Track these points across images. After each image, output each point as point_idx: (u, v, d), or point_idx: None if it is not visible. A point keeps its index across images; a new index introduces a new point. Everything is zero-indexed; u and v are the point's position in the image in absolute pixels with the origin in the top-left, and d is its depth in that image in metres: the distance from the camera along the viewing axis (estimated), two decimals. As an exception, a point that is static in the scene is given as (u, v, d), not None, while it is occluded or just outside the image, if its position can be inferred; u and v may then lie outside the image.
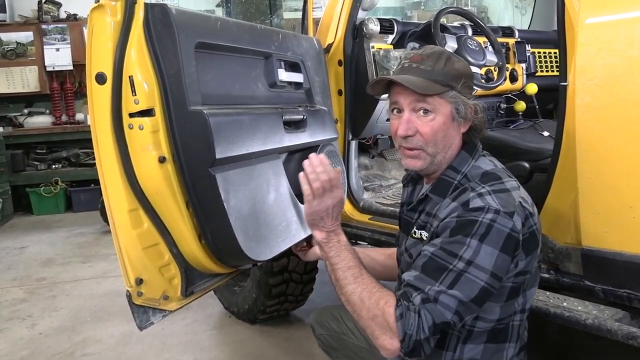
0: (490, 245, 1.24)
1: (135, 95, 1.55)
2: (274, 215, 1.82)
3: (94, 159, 1.60)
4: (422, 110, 1.37)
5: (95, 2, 1.53)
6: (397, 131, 1.41)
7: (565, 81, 1.69)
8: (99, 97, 1.55)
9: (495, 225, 1.24)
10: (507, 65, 2.95)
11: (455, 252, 1.25)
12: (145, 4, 1.58)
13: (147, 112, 1.57)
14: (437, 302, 1.23)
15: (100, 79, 1.54)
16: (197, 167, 1.60)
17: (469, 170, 1.40)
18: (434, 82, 1.36)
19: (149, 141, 1.58)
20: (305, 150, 2.11)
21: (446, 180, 1.41)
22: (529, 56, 3.22)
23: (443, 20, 2.61)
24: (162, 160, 1.59)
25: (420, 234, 1.44)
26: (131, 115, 1.56)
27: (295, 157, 2.11)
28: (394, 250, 1.71)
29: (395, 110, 1.43)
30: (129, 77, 1.54)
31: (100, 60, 1.54)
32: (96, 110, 1.56)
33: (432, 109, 1.37)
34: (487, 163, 1.42)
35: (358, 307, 1.31)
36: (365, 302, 1.30)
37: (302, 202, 1.96)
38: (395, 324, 1.23)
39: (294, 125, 2.03)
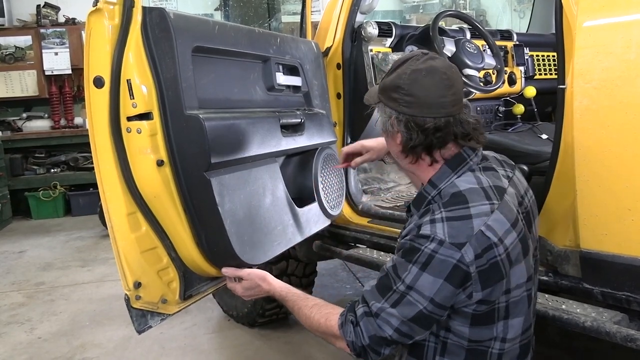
0: (431, 274, 1.23)
1: (133, 98, 1.55)
2: (269, 219, 1.82)
3: (93, 163, 1.60)
4: None
5: (93, 6, 1.52)
6: None
7: (564, 84, 1.69)
8: (96, 101, 1.55)
9: (437, 256, 1.23)
10: (505, 68, 2.96)
11: (399, 275, 1.28)
12: (143, 8, 1.57)
13: (145, 116, 1.57)
14: (378, 317, 1.29)
15: (98, 82, 1.53)
16: (193, 171, 1.60)
17: (445, 188, 1.35)
18: (374, 94, 1.43)
19: (147, 145, 1.57)
20: (303, 153, 2.11)
21: (423, 195, 1.40)
22: (527, 59, 3.23)
23: (441, 23, 2.62)
24: (160, 163, 1.59)
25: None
26: (129, 118, 1.56)
27: (293, 160, 2.11)
28: None
29: None
30: (127, 80, 1.54)
31: (98, 63, 1.54)
32: (94, 114, 1.56)
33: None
34: (469, 181, 1.33)
35: (310, 329, 1.48)
36: (314, 326, 1.45)
37: (299, 206, 1.98)
38: (339, 331, 1.36)
39: (291, 129, 2.03)
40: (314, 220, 2.08)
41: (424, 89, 1.31)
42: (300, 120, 2.06)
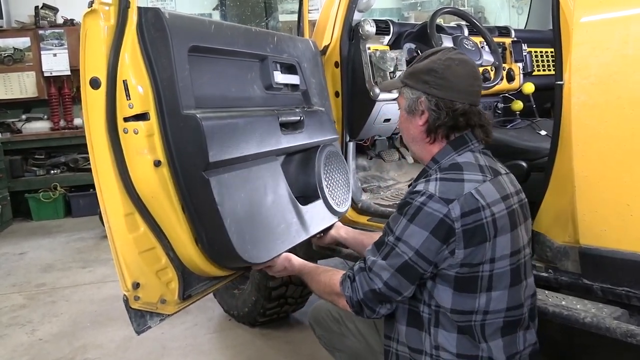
0: (419, 226, 1.34)
1: (130, 99, 1.54)
2: (272, 217, 1.82)
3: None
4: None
5: (89, 7, 1.52)
6: None
7: (561, 80, 1.68)
8: (93, 102, 1.55)
9: (424, 209, 1.34)
10: (503, 65, 2.95)
11: (391, 228, 1.41)
12: (139, 8, 1.57)
13: (142, 116, 1.57)
14: (371, 271, 1.41)
15: (95, 83, 1.53)
16: (191, 171, 1.59)
17: (444, 162, 1.46)
18: (396, 81, 1.57)
19: (144, 145, 1.57)
20: (305, 151, 2.11)
21: (425, 170, 1.52)
22: (525, 55, 3.22)
23: (439, 20, 2.61)
24: (157, 164, 1.58)
25: None
26: (126, 119, 1.56)
27: (294, 158, 2.11)
28: None
29: None
30: (123, 81, 1.54)
31: (94, 65, 1.54)
32: (91, 115, 1.56)
33: (399, 103, 1.56)
34: (467, 158, 1.45)
35: (320, 294, 1.64)
36: (321, 289, 1.61)
37: (302, 204, 1.97)
38: (339, 288, 1.49)
39: (291, 127, 2.02)
40: (319, 217, 2.07)
41: (455, 76, 1.45)
42: (299, 118, 2.05)
